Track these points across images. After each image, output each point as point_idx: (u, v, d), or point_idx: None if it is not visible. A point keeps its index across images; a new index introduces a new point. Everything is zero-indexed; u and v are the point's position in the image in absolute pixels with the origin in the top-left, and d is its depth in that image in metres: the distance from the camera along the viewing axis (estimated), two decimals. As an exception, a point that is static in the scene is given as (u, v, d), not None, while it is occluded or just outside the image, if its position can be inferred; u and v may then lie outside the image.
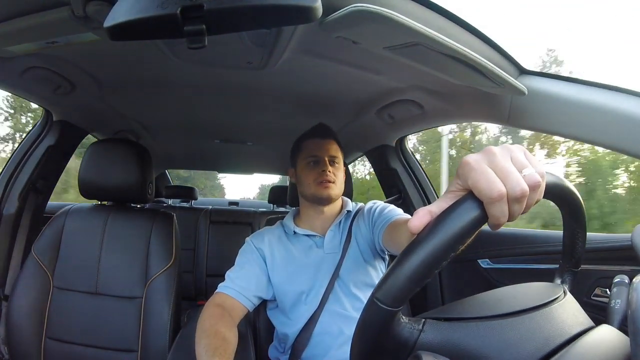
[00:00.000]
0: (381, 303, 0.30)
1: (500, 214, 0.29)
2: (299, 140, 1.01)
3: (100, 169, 1.04)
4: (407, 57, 0.64)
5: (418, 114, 1.11)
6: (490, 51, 0.69)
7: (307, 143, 0.98)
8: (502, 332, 0.33)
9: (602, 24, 19.46)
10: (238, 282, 0.89)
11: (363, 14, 0.50)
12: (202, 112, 1.37)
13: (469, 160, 0.30)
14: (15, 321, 0.94)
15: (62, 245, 1.02)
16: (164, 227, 1.06)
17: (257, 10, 0.38)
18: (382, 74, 0.90)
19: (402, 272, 0.29)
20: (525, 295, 0.39)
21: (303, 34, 0.71)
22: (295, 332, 0.90)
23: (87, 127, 1.43)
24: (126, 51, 0.86)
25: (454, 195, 0.32)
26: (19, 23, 0.61)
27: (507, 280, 1.15)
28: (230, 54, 0.84)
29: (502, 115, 0.82)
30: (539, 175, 0.30)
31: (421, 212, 0.31)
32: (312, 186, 0.94)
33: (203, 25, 0.38)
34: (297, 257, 0.95)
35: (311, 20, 0.40)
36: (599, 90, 0.67)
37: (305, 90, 1.08)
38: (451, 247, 0.28)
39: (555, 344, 0.33)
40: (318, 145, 0.96)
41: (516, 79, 0.72)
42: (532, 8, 20.10)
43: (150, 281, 0.99)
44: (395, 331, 0.32)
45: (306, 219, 1.00)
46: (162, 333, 0.95)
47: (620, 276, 0.44)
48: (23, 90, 1.07)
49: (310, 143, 0.98)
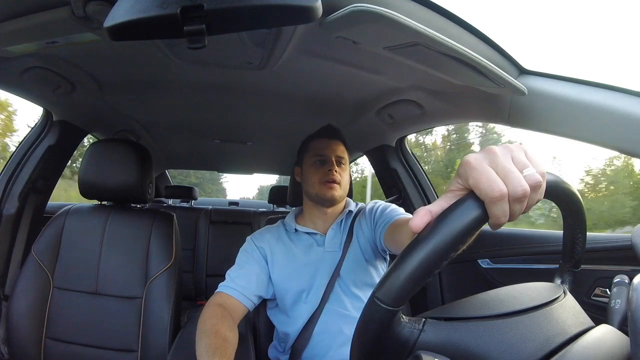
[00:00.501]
0: (381, 302, 0.30)
1: (501, 214, 0.29)
2: (307, 140, 1.02)
3: (100, 169, 1.04)
4: (407, 57, 0.64)
5: (418, 114, 1.11)
6: (490, 51, 0.69)
7: (315, 142, 0.99)
8: (502, 332, 0.33)
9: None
10: (239, 282, 0.89)
11: (363, 14, 0.50)
12: (202, 112, 1.37)
13: (470, 159, 0.30)
14: (15, 321, 0.94)
15: (62, 245, 1.02)
16: (164, 227, 1.06)
17: (257, 10, 0.38)
18: (382, 74, 0.90)
19: (403, 271, 0.29)
20: (526, 295, 0.39)
21: (303, 34, 0.71)
22: (296, 332, 0.90)
23: (87, 127, 1.43)
24: (126, 51, 0.86)
25: (454, 194, 0.32)
26: (19, 23, 0.61)
27: (507, 280, 1.15)
28: (230, 54, 0.84)
29: (502, 115, 0.82)
30: (540, 175, 0.30)
31: (422, 211, 0.31)
32: (316, 185, 0.94)
33: (203, 25, 0.38)
34: (297, 255, 0.95)
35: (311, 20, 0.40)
36: (599, 90, 0.67)
37: (305, 90, 1.08)
38: (452, 246, 0.28)
39: (555, 344, 0.33)
40: (326, 145, 0.97)
41: (516, 79, 0.72)
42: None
43: (150, 281, 0.99)
44: (395, 331, 0.32)
45: (308, 218, 1.00)
46: (162, 333, 0.95)
47: (620, 276, 0.44)
48: (23, 90, 1.07)
49: (318, 142, 0.98)
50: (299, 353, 0.89)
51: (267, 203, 2.66)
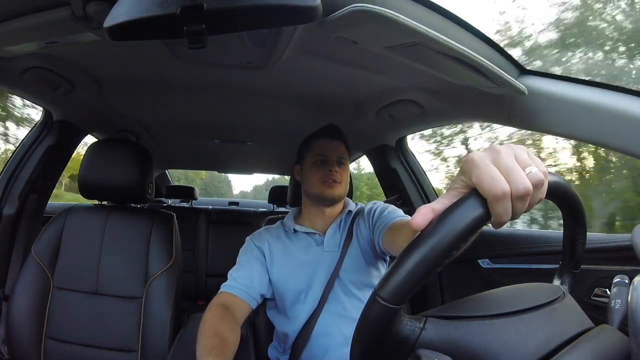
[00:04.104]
0: (383, 300, 0.30)
1: (503, 212, 0.29)
2: (308, 139, 1.01)
3: (100, 169, 1.04)
4: (407, 57, 0.64)
5: (418, 114, 1.11)
6: (490, 51, 0.69)
7: (316, 142, 0.98)
8: (503, 331, 0.33)
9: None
10: (241, 281, 0.89)
11: (363, 13, 0.50)
12: (202, 112, 1.37)
13: (473, 157, 0.30)
14: (15, 321, 0.94)
15: (62, 245, 1.02)
16: (164, 227, 1.06)
17: (257, 10, 0.38)
18: (382, 74, 0.90)
19: (405, 269, 0.29)
20: (526, 295, 0.39)
21: (303, 34, 0.71)
22: (295, 332, 0.90)
23: (87, 127, 1.43)
24: (126, 51, 0.86)
25: (456, 192, 0.32)
26: (19, 23, 0.61)
27: (507, 280, 1.15)
28: (230, 54, 0.85)
29: (502, 115, 0.82)
30: (542, 174, 0.30)
31: (424, 209, 0.31)
32: (317, 185, 0.94)
33: (203, 25, 0.38)
34: (295, 254, 0.95)
35: (311, 20, 0.40)
36: (599, 90, 0.67)
37: (305, 90, 1.08)
38: (454, 244, 0.28)
39: (555, 344, 0.33)
40: (327, 145, 0.97)
41: (516, 79, 0.72)
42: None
43: (150, 281, 0.99)
44: (396, 329, 0.32)
45: (307, 218, 1.00)
46: (162, 333, 0.95)
47: (620, 276, 0.44)
48: (23, 90, 1.07)
49: (319, 142, 0.98)
50: (299, 353, 0.89)
51: (267, 203, 2.66)
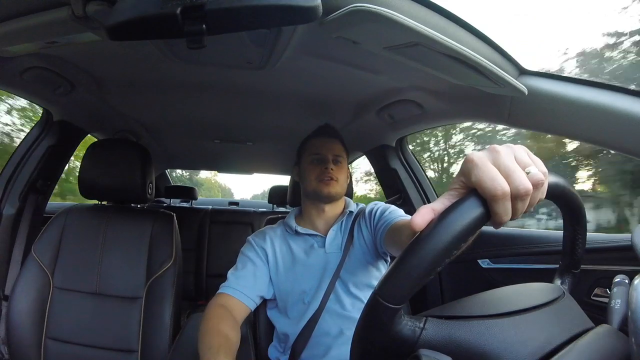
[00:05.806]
0: (383, 300, 0.30)
1: (503, 212, 0.29)
2: (305, 140, 1.03)
3: (100, 169, 1.04)
4: (407, 57, 0.64)
5: (418, 114, 1.11)
6: (490, 51, 0.69)
7: (312, 141, 1.00)
8: (503, 331, 0.33)
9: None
10: (240, 282, 0.89)
11: (363, 14, 0.50)
12: (202, 112, 1.37)
13: (473, 157, 0.30)
14: (15, 321, 0.94)
15: (62, 245, 1.02)
16: (164, 227, 1.06)
17: (257, 10, 0.38)
18: (382, 74, 0.90)
19: (405, 269, 0.29)
20: (527, 295, 0.39)
21: (303, 34, 0.71)
22: (296, 332, 0.90)
23: (87, 127, 1.43)
24: (126, 51, 0.86)
25: (456, 192, 0.32)
26: (19, 23, 0.61)
27: (507, 280, 1.15)
28: (230, 54, 0.84)
29: (502, 115, 0.82)
30: (542, 174, 0.30)
31: (424, 209, 0.31)
32: (313, 183, 0.94)
33: (203, 25, 0.38)
34: (298, 256, 0.95)
35: (311, 20, 0.40)
36: (599, 90, 0.67)
37: (305, 90, 1.08)
38: (454, 244, 0.28)
39: (555, 344, 0.33)
40: (323, 144, 0.98)
41: (516, 79, 0.72)
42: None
43: (151, 281, 0.99)
44: (396, 329, 0.32)
45: (308, 218, 1.00)
46: (163, 333, 0.95)
47: (620, 276, 0.44)
48: (23, 90, 1.07)
49: (315, 141, 0.99)
50: (299, 353, 0.89)
51: (267, 203, 2.66)
